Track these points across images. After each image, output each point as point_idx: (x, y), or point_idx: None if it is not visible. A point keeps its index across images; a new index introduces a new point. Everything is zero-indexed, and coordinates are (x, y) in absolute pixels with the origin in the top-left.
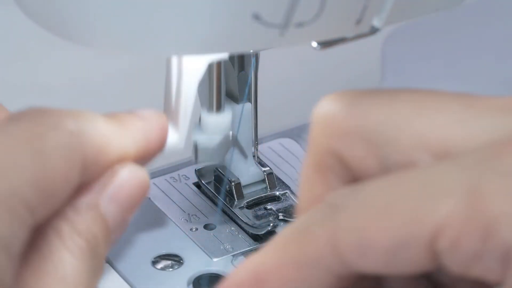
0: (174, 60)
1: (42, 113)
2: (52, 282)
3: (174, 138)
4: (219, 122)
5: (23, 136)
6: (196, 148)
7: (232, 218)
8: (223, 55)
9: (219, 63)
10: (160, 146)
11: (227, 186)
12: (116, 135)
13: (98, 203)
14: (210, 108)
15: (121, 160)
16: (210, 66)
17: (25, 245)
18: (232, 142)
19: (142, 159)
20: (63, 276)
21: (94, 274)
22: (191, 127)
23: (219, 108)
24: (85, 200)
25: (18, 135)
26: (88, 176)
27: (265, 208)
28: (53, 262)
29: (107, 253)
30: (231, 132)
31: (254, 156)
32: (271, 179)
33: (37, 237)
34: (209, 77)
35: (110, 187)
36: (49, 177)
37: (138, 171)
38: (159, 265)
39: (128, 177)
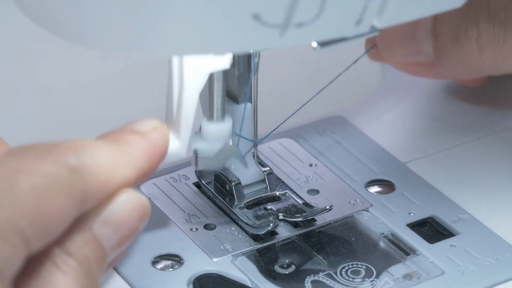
0: (176, 70)
1: (43, 148)
2: None
3: (176, 146)
4: (220, 131)
5: (23, 170)
6: (196, 156)
7: (232, 218)
8: (225, 64)
9: (220, 73)
10: (161, 159)
11: (227, 186)
12: (117, 166)
13: (91, 227)
14: (210, 117)
15: (123, 187)
16: (211, 76)
17: (19, 271)
18: (232, 151)
19: (145, 175)
20: None
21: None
22: (192, 135)
23: (219, 117)
24: (78, 225)
25: (19, 168)
26: (88, 208)
27: (265, 208)
28: (44, 281)
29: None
30: (231, 141)
31: (254, 156)
32: (271, 179)
33: (30, 260)
34: (210, 86)
35: (105, 211)
36: (47, 212)
37: (135, 196)
38: (159, 265)
39: (124, 201)
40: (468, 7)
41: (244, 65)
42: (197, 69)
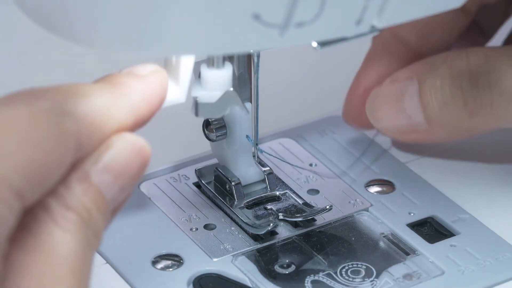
0: None
1: (32, 95)
2: (40, 257)
3: (175, 92)
4: (220, 77)
5: (11, 121)
6: (196, 103)
7: (232, 218)
8: None
9: None
10: (160, 104)
11: (227, 186)
12: (113, 108)
13: (89, 175)
14: (210, 64)
15: (119, 130)
16: None
17: (14, 227)
18: (233, 98)
19: (143, 120)
20: (52, 251)
21: (89, 246)
22: (192, 79)
23: (219, 63)
24: (76, 174)
25: (6, 120)
26: (83, 153)
27: (265, 208)
28: (41, 238)
29: (105, 228)
30: (231, 88)
31: (254, 156)
32: (271, 179)
33: (26, 215)
34: None
35: (103, 158)
36: (40, 162)
37: (135, 139)
38: (159, 265)
39: (124, 146)
40: (450, 75)
41: (244, 65)
42: None
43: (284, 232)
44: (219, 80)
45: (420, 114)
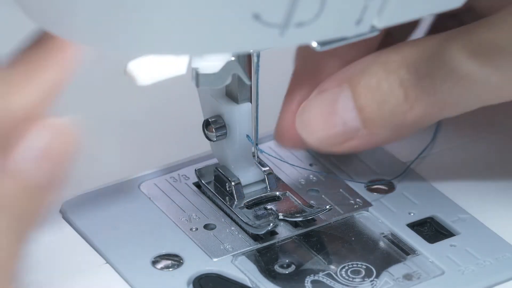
0: None
1: None
2: None
3: (176, 64)
4: None
5: None
6: (196, 74)
7: (232, 218)
8: None
9: None
10: (76, 63)
11: (227, 186)
12: (16, 90)
13: (4, 167)
14: None
15: (31, 111)
16: None
17: None
18: (234, 67)
19: (57, 89)
20: None
21: (16, 236)
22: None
23: None
24: None
25: None
26: None
27: (265, 208)
28: None
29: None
30: (232, 57)
31: (254, 156)
32: (271, 179)
33: None
34: None
35: (18, 146)
36: None
37: (51, 121)
38: (159, 265)
39: (40, 130)
40: (385, 70)
41: (244, 65)
42: None
43: (284, 232)
44: None
45: (356, 118)
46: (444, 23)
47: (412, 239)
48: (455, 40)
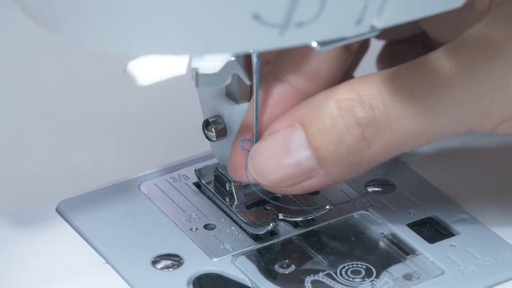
0: None
1: None
2: None
3: (176, 64)
4: None
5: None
6: (196, 74)
7: (232, 218)
8: None
9: None
10: None
11: (227, 186)
12: None
13: None
14: None
15: None
16: None
17: None
18: (234, 67)
19: None
20: None
21: None
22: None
23: None
24: None
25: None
26: None
27: (265, 208)
28: None
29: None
30: (232, 57)
31: None
32: None
33: None
34: None
35: None
36: None
37: None
38: (159, 265)
39: None
40: (339, 108)
41: (244, 65)
42: None
43: (284, 232)
44: None
45: (311, 158)
46: (393, 47)
47: (412, 239)
48: (409, 74)
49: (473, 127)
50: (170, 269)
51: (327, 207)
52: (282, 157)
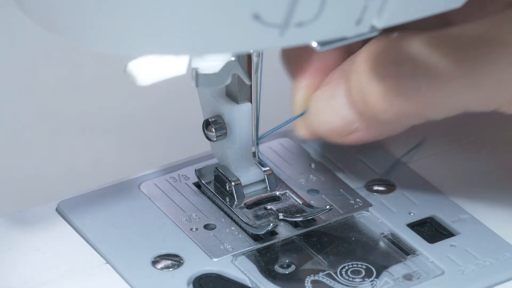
0: None
1: None
2: None
3: (176, 64)
4: None
5: None
6: (196, 74)
7: (232, 218)
8: None
9: None
10: None
11: (227, 186)
12: None
13: None
14: None
15: None
16: None
17: None
18: (234, 67)
19: None
20: None
21: None
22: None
23: None
24: None
25: None
26: None
27: (265, 208)
28: None
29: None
30: (232, 57)
31: (254, 156)
32: (271, 179)
33: None
34: None
35: None
36: None
37: None
38: (159, 265)
39: None
40: (371, 67)
41: (244, 65)
42: None
43: (284, 232)
44: None
45: (351, 113)
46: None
47: (412, 239)
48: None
49: (502, 106)
50: (170, 269)
51: (327, 207)
52: (330, 108)
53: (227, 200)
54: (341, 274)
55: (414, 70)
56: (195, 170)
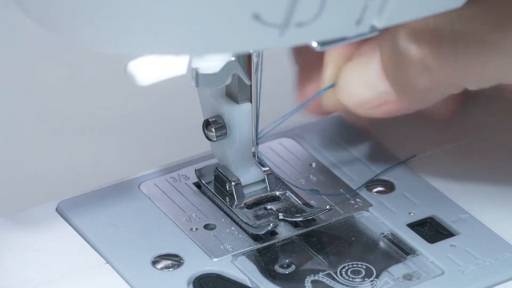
0: None
1: None
2: None
3: (176, 64)
4: None
5: None
6: (196, 74)
7: (232, 218)
8: None
9: None
10: None
11: (227, 186)
12: None
13: None
14: None
15: None
16: None
17: None
18: (234, 67)
19: None
20: None
21: None
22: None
23: None
24: None
25: None
26: None
27: (265, 208)
28: None
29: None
30: (232, 57)
31: (254, 156)
32: (271, 179)
33: None
34: None
35: None
36: None
37: None
38: (159, 265)
39: None
40: (408, 35)
41: (244, 65)
42: None
43: (284, 232)
44: None
45: (384, 83)
46: None
47: (412, 239)
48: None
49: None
50: (170, 269)
51: (327, 207)
52: (362, 78)
53: (227, 200)
54: (341, 274)
55: (452, 37)
56: (195, 170)
